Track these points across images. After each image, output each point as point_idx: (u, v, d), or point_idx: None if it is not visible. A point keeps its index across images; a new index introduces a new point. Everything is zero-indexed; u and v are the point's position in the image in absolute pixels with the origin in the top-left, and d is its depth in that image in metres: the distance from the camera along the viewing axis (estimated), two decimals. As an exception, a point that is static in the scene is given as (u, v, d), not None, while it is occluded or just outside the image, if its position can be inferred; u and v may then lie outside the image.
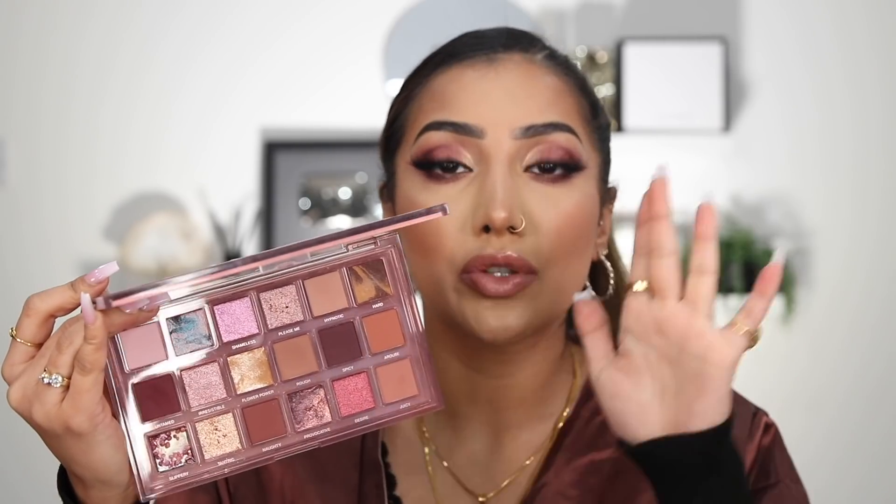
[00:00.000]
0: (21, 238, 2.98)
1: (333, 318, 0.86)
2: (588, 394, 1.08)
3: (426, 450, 1.08)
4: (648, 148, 2.90)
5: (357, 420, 0.86)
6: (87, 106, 3.01)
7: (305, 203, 3.00)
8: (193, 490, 1.03)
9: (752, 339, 0.84)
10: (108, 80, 3.01)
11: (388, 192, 1.09)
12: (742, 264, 2.88)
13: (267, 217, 2.98)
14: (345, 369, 0.86)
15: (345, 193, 3.01)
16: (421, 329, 0.88)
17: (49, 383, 0.80)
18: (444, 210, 0.84)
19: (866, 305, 2.99)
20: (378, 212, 2.98)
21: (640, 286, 0.85)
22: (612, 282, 1.08)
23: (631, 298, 0.86)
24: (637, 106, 2.90)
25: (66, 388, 0.80)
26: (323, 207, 3.01)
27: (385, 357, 0.87)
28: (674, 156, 2.95)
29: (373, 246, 0.86)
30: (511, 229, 0.97)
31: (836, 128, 3.01)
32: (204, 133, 3.02)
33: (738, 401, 1.06)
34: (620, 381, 0.85)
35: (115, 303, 0.77)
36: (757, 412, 1.07)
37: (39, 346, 0.82)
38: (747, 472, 1.02)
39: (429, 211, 0.83)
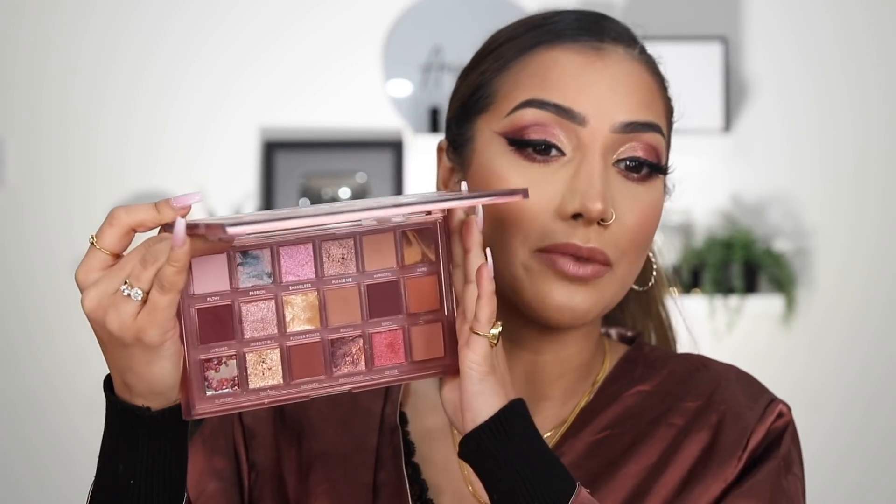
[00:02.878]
0: (21, 237, 2.98)
1: (381, 275, 0.91)
2: (610, 380, 1.10)
3: None
4: (648, 148, 2.90)
5: (387, 372, 0.92)
6: (87, 105, 3.00)
7: (305, 203, 3.00)
8: (212, 453, 1.07)
9: (492, 338, 0.90)
10: (107, 80, 3.01)
11: (457, 153, 1.07)
12: (742, 264, 2.89)
13: (267, 217, 2.97)
14: (383, 324, 0.92)
15: (345, 193, 3.01)
16: (455, 298, 0.92)
17: (129, 295, 0.83)
18: (525, 194, 0.88)
19: (866, 305, 2.99)
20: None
21: None
22: (654, 274, 1.12)
23: None
24: (637, 106, 2.90)
25: (144, 301, 0.83)
26: (323, 207, 3.01)
27: (420, 318, 0.92)
28: (674, 156, 2.94)
29: (427, 214, 0.92)
30: (601, 221, 0.99)
31: (836, 128, 3.01)
32: (203, 133, 3.02)
33: (757, 388, 1.09)
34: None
35: (232, 231, 0.78)
36: (773, 400, 1.07)
37: (116, 256, 0.85)
38: (753, 450, 1.03)
39: (511, 193, 0.88)
